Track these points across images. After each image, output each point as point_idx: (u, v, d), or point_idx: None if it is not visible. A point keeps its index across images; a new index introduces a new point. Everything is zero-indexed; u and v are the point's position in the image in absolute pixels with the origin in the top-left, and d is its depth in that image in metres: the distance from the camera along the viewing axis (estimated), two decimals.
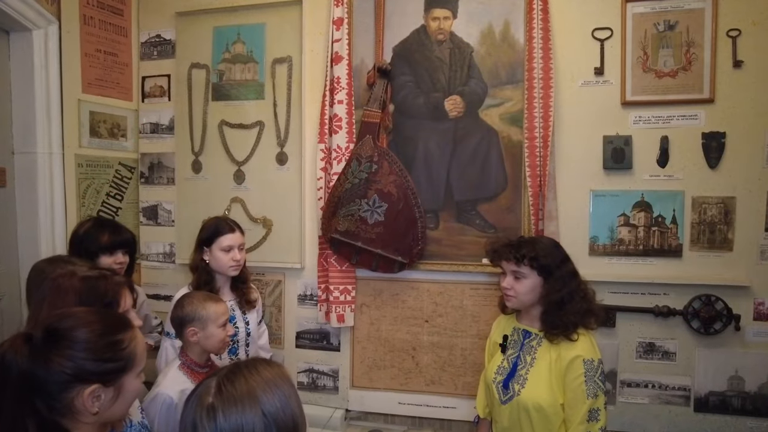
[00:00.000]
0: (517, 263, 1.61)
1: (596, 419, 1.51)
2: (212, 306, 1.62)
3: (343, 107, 2.36)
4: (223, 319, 1.63)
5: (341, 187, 2.32)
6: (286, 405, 0.95)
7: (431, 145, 2.37)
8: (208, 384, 0.95)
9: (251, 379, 0.95)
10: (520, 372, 1.62)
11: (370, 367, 2.50)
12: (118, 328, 1.03)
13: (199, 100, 2.64)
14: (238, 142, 2.60)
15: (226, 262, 1.98)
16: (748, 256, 2.17)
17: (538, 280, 1.60)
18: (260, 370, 0.97)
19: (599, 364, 1.55)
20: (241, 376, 0.95)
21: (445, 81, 2.35)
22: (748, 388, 2.19)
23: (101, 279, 1.20)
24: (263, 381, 0.95)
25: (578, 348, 1.55)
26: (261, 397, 0.93)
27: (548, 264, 1.59)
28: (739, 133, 2.16)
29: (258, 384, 0.94)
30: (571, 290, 1.58)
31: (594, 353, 1.56)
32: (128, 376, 1.02)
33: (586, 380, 1.52)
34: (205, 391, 0.94)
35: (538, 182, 2.23)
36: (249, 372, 0.96)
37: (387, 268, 2.35)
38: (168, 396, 1.47)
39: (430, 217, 2.37)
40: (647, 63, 2.21)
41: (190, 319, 1.60)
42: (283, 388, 0.97)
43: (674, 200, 2.21)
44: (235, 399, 0.91)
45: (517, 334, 1.70)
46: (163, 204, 2.74)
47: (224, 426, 0.88)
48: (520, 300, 1.63)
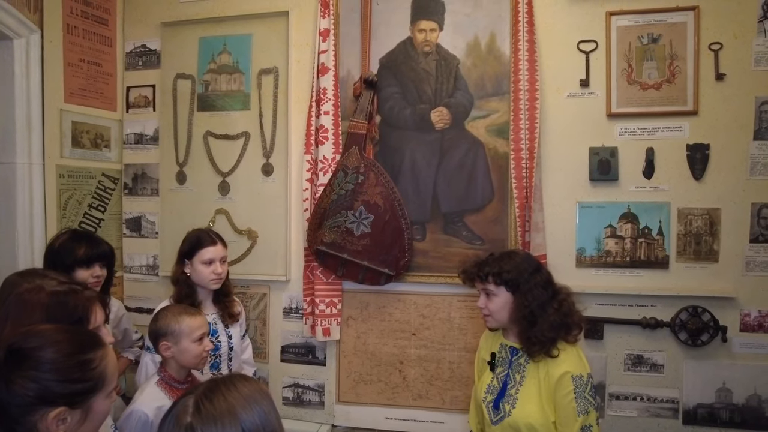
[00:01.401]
0: (482, 281, 1.60)
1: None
2: (187, 320, 1.57)
3: (330, 118, 2.35)
4: (199, 333, 1.58)
5: (327, 199, 2.30)
6: (266, 422, 0.92)
7: (418, 157, 2.36)
8: (185, 402, 0.92)
9: (230, 396, 0.92)
10: (510, 391, 1.59)
11: (357, 382, 2.46)
12: (87, 346, 0.99)
13: (184, 110, 2.62)
14: (224, 152, 2.57)
15: (207, 275, 1.94)
16: (733, 267, 2.17)
17: (508, 295, 1.58)
18: (239, 386, 0.94)
19: (588, 379, 1.52)
20: (219, 393, 0.92)
21: (432, 92, 2.35)
22: (736, 400, 2.17)
23: (70, 294, 1.15)
24: (242, 398, 0.92)
25: (566, 364, 1.52)
26: (240, 415, 0.89)
27: (512, 278, 1.55)
28: (723, 145, 2.17)
29: (237, 401, 0.91)
30: (541, 302, 1.53)
31: (582, 368, 1.53)
32: (97, 397, 0.98)
33: (576, 397, 1.49)
34: (182, 410, 0.90)
35: (524, 194, 2.22)
36: (227, 389, 0.93)
37: (373, 281, 2.32)
38: (143, 413, 1.43)
39: (416, 228, 2.35)
40: (632, 75, 2.23)
41: (163, 332, 1.56)
42: (263, 405, 0.93)
43: (660, 212, 2.21)
44: (214, 417, 0.88)
45: (505, 351, 1.67)
46: (146, 215, 2.70)
47: None
48: (496, 318, 1.61)
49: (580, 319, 1.59)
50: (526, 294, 1.54)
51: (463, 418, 2.35)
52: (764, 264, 2.16)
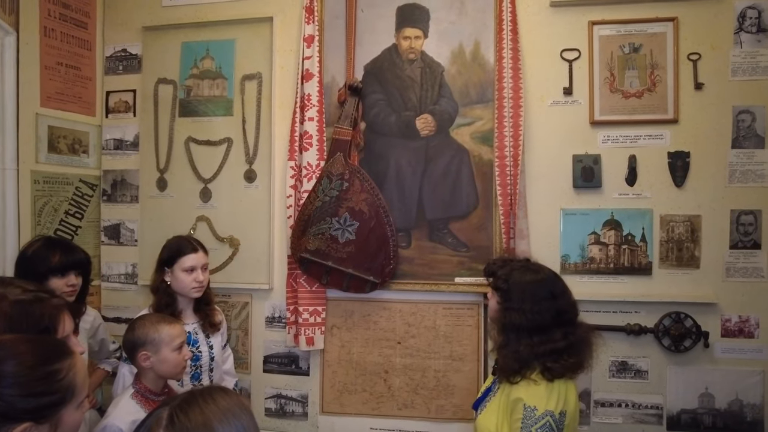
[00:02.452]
0: (487, 279, 1.64)
1: None
2: (166, 328, 1.53)
3: (314, 124, 2.33)
4: (179, 341, 1.54)
5: (311, 205, 2.27)
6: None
7: (403, 164, 2.34)
8: (159, 415, 0.87)
9: (207, 408, 0.88)
10: (487, 398, 1.60)
11: (341, 392, 2.42)
12: (53, 356, 0.94)
13: (166, 116, 2.57)
14: (205, 159, 2.53)
15: (189, 283, 1.89)
16: (714, 273, 2.20)
17: (496, 304, 1.58)
18: (217, 399, 0.90)
19: (545, 416, 1.35)
20: (195, 405, 0.88)
21: (417, 100, 2.34)
22: (718, 405, 2.19)
23: (36, 302, 1.10)
24: (220, 411, 0.88)
25: (521, 391, 1.42)
26: (217, 429, 0.85)
27: (505, 289, 1.53)
28: (702, 153, 2.21)
29: (214, 414, 0.87)
30: (517, 327, 1.45)
31: (538, 401, 1.38)
32: (67, 410, 0.93)
33: (522, 428, 1.37)
34: (155, 423, 0.86)
35: (508, 201, 2.22)
36: (204, 401, 0.89)
37: (358, 288, 2.29)
38: (117, 428, 1.37)
39: (402, 235, 2.34)
40: (614, 84, 2.25)
41: (142, 342, 1.51)
42: (242, 419, 0.90)
43: (643, 218, 2.23)
44: (188, 431, 0.84)
45: None
46: (126, 222, 2.63)
47: None
48: (490, 316, 1.64)
49: (564, 368, 1.43)
50: (508, 311, 1.49)
51: (449, 427, 2.33)
52: (743, 270, 2.19)
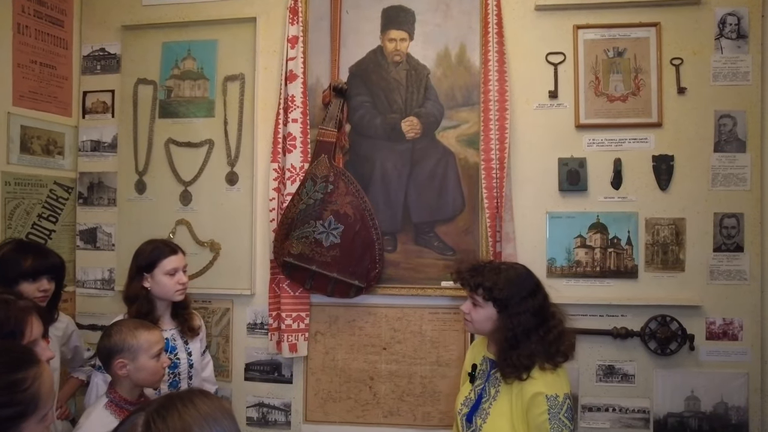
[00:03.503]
0: (472, 291, 1.54)
1: None
2: (144, 334, 1.46)
3: (298, 126, 2.29)
4: (157, 348, 1.47)
5: (295, 208, 2.22)
6: None
7: (388, 166, 2.31)
8: (135, 421, 0.81)
9: (186, 413, 0.81)
10: (484, 405, 1.54)
11: (325, 400, 2.36)
12: (17, 364, 0.87)
13: (145, 117, 2.51)
14: (186, 161, 2.47)
15: (172, 286, 1.82)
16: (698, 276, 2.21)
17: (493, 311, 1.51)
18: (197, 403, 0.84)
19: (565, 399, 1.43)
20: (174, 410, 0.81)
21: (402, 102, 2.32)
22: (704, 408, 2.19)
23: (1, 305, 1.04)
24: (200, 416, 0.81)
25: (539, 384, 1.44)
26: None
27: (503, 298, 1.48)
28: (686, 157, 2.22)
29: (194, 420, 0.81)
30: (527, 328, 1.46)
31: (558, 388, 1.44)
32: (28, 423, 0.86)
33: (550, 417, 1.40)
34: (130, 429, 0.80)
35: (495, 204, 2.20)
36: (184, 405, 0.83)
37: (343, 293, 2.24)
38: None
39: (387, 239, 2.30)
40: (599, 87, 2.26)
41: (119, 349, 1.44)
42: (224, 425, 0.83)
43: (628, 222, 2.23)
44: None
45: (486, 363, 1.61)
46: (102, 227, 2.55)
47: None
48: (476, 327, 1.56)
49: (568, 348, 1.49)
50: (513, 317, 1.46)
51: None
52: (727, 273, 2.20)
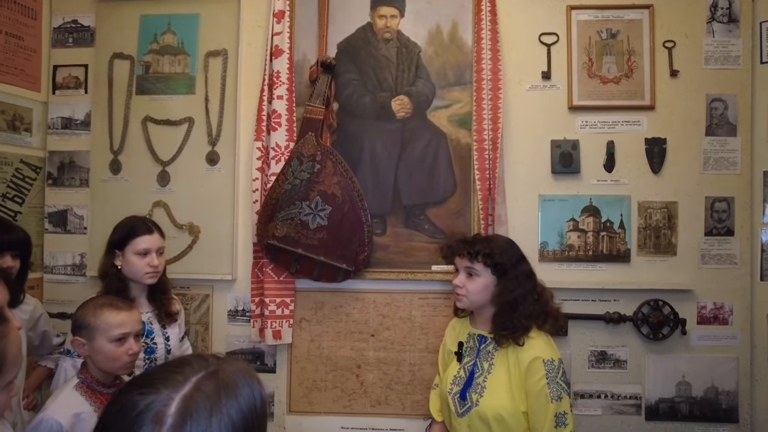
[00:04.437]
0: (471, 259, 1.51)
1: (564, 424, 1.40)
2: (107, 314, 1.32)
3: (283, 103, 2.19)
4: (119, 332, 1.32)
5: (280, 189, 2.13)
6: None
7: (378, 147, 2.24)
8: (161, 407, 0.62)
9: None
10: (478, 380, 1.49)
11: (310, 389, 2.26)
12: None
13: (121, 93, 2.37)
14: (164, 140, 2.35)
15: (142, 267, 1.71)
16: (690, 260, 2.19)
17: (492, 279, 1.51)
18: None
19: (560, 365, 1.46)
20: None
21: (392, 80, 2.25)
22: (695, 393, 2.17)
23: None
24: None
25: (535, 349, 1.45)
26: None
27: (503, 262, 1.50)
28: (678, 140, 2.20)
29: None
30: (525, 291, 1.49)
31: (553, 353, 1.47)
32: None
33: (549, 382, 1.41)
34: (156, 415, 0.63)
35: (487, 186, 2.15)
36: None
37: (330, 277, 2.16)
38: (56, 422, 1.19)
39: (376, 222, 2.22)
40: (592, 69, 2.23)
41: (77, 326, 1.33)
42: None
43: (621, 205, 2.20)
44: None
45: (473, 340, 1.57)
46: (74, 209, 2.40)
47: None
48: (471, 299, 1.53)
49: (557, 311, 1.55)
50: (512, 281, 1.49)
51: (425, 424, 2.21)
52: (718, 257, 2.18)
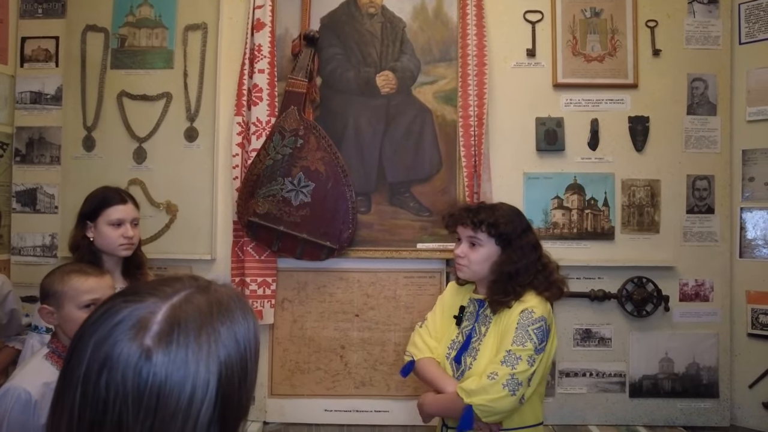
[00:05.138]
0: (474, 229, 1.44)
1: (512, 365, 1.31)
2: (75, 280, 1.25)
3: (264, 77, 2.14)
4: (88, 298, 1.24)
5: (261, 164, 2.07)
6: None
7: (362, 123, 2.20)
8: (151, 310, 0.55)
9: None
10: (474, 344, 1.46)
11: (292, 371, 2.21)
12: None
13: (95, 67, 2.28)
14: (141, 115, 2.27)
15: (115, 239, 1.63)
16: (672, 237, 2.21)
17: (495, 249, 1.44)
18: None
19: (540, 320, 1.38)
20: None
21: (377, 56, 2.21)
22: (677, 370, 2.18)
23: None
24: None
25: (524, 305, 1.40)
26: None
27: (508, 232, 1.43)
28: (661, 118, 2.22)
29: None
30: (528, 263, 1.43)
31: (540, 308, 1.39)
32: None
33: (518, 327, 1.36)
34: (144, 318, 0.55)
35: (472, 162, 2.13)
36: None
37: (313, 255, 2.11)
38: (24, 391, 1.11)
39: (361, 199, 2.18)
40: (576, 47, 2.23)
41: (45, 294, 1.25)
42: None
43: (605, 183, 2.20)
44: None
45: (473, 305, 1.53)
46: (44, 187, 2.30)
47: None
48: (472, 270, 1.46)
49: (562, 281, 1.48)
50: (516, 252, 1.42)
51: (411, 405, 2.17)
52: (699, 234, 2.21)
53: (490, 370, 1.34)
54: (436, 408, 1.46)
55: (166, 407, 0.51)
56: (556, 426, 2.16)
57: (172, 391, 0.51)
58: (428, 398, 1.48)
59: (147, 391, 0.51)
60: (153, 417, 0.50)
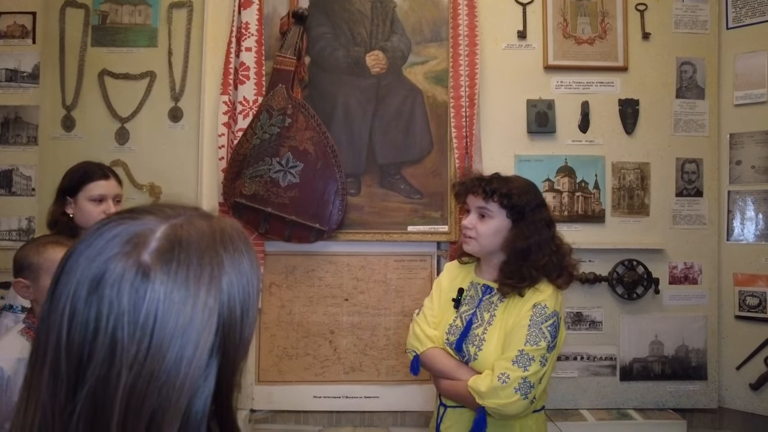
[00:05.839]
0: (486, 198, 1.36)
1: (524, 366, 1.26)
2: (51, 251, 1.19)
3: (252, 55, 2.08)
4: None
5: (248, 144, 2.02)
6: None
7: (352, 103, 2.16)
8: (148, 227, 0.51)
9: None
10: (476, 331, 1.39)
11: (280, 357, 2.16)
12: None
13: (75, 44, 2.20)
14: (123, 95, 2.19)
15: (96, 215, 1.56)
16: (662, 220, 2.21)
17: (506, 222, 1.37)
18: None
19: (553, 315, 1.33)
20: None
21: (367, 35, 2.17)
22: (666, 353, 2.19)
23: None
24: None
25: (537, 297, 1.34)
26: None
27: (521, 205, 1.35)
28: (650, 101, 2.22)
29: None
30: (541, 240, 1.35)
31: (553, 303, 1.34)
32: None
33: (530, 324, 1.30)
34: (142, 234, 0.50)
35: (464, 144, 2.10)
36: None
37: (302, 238, 2.06)
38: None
39: (351, 181, 2.14)
40: (567, 29, 2.22)
41: (20, 267, 1.20)
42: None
43: (596, 165, 2.20)
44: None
45: (475, 289, 1.45)
46: (20, 168, 2.22)
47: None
48: (481, 243, 1.38)
49: (574, 267, 1.41)
50: (529, 226, 1.34)
51: (401, 390, 2.15)
52: (688, 217, 2.21)
53: (500, 369, 1.28)
54: (453, 394, 1.40)
55: (164, 328, 0.46)
56: (548, 411, 2.13)
57: (170, 311, 0.47)
58: (443, 384, 1.42)
59: (144, 309, 0.46)
60: (150, 338, 0.46)
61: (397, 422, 2.16)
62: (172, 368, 0.46)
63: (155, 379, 0.45)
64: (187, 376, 0.47)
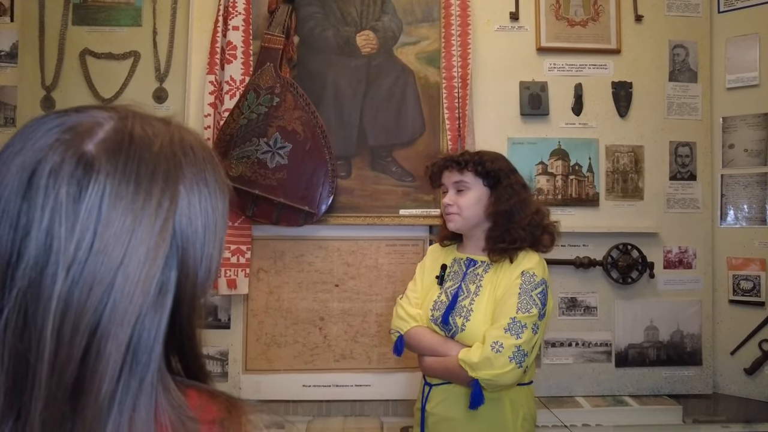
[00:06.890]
0: (461, 170, 1.38)
1: (516, 334, 1.24)
2: None
3: (239, 34, 2.03)
4: None
5: (234, 124, 1.96)
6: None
7: (342, 84, 2.11)
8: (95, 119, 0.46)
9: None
10: (463, 303, 1.36)
11: (268, 345, 2.09)
12: None
13: (55, 23, 2.13)
14: (106, 75, 2.13)
15: None
16: (656, 204, 2.18)
17: (484, 190, 1.38)
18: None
19: (542, 283, 1.33)
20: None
21: (357, 15, 2.13)
22: (661, 338, 2.16)
23: None
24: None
25: (523, 264, 1.34)
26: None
27: (495, 170, 1.37)
28: (643, 84, 2.20)
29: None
30: (521, 200, 1.37)
31: (540, 270, 1.35)
32: None
33: (521, 293, 1.29)
34: (88, 124, 0.45)
35: (457, 125, 2.06)
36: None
37: (291, 221, 2.00)
38: None
39: (341, 164, 2.09)
40: (560, 11, 2.19)
41: None
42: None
43: (589, 148, 2.17)
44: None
45: (458, 264, 1.44)
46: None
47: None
48: (464, 216, 1.38)
49: (553, 226, 1.43)
50: (507, 189, 1.36)
51: (393, 378, 2.09)
52: (682, 201, 2.19)
53: (493, 338, 1.25)
54: (441, 371, 1.36)
55: (109, 226, 0.40)
56: (543, 398, 2.10)
57: (117, 207, 0.41)
58: (428, 361, 1.38)
59: (86, 202, 0.40)
60: (93, 236, 0.40)
61: (389, 411, 2.11)
62: (117, 277, 0.40)
63: (96, 287, 0.39)
64: (136, 288, 0.40)
